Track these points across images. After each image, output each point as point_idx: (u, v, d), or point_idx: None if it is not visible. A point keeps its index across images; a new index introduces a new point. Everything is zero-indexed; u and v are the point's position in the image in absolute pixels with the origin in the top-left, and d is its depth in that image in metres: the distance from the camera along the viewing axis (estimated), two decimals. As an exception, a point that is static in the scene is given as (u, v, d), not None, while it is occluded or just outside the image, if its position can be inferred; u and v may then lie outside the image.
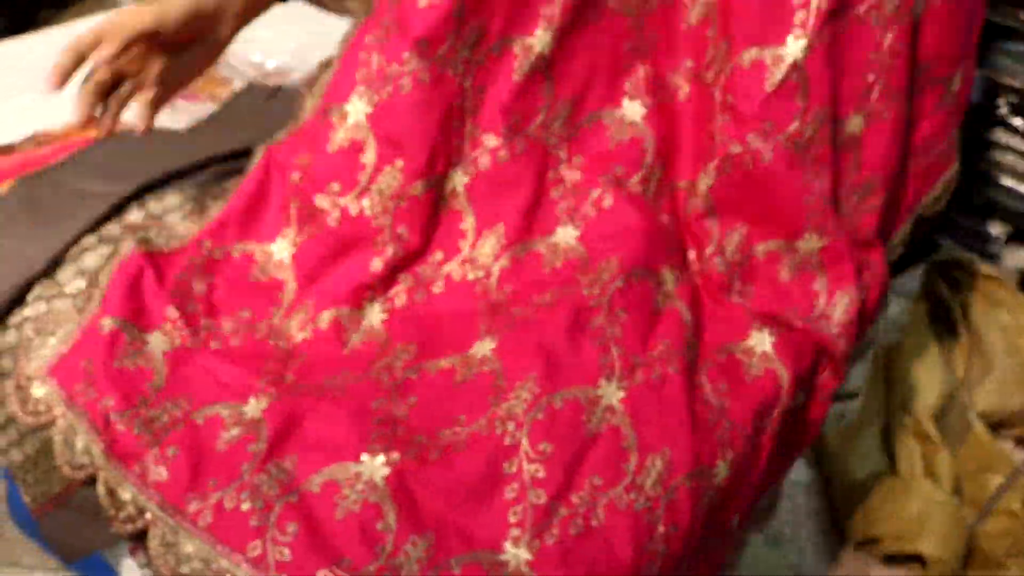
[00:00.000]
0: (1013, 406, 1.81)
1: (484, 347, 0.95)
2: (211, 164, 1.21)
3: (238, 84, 1.52)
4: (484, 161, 1.07)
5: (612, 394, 0.91)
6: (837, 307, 1.04)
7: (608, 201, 1.07)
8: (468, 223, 1.08)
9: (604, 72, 1.07)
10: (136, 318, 0.97)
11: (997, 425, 1.83)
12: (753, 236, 1.06)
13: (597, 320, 0.97)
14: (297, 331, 1.02)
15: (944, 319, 1.89)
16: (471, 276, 1.06)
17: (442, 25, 0.99)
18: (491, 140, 1.06)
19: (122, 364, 0.93)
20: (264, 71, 1.55)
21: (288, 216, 1.07)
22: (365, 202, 1.05)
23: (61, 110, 1.37)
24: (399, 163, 1.04)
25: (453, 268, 1.06)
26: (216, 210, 1.08)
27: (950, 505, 1.56)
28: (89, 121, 1.23)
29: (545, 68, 1.05)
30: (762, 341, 1.00)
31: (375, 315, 1.03)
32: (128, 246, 1.02)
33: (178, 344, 0.97)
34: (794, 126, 0.99)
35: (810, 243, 1.04)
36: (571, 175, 1.09)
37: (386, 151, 1.04)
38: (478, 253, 1.06)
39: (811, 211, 1.03)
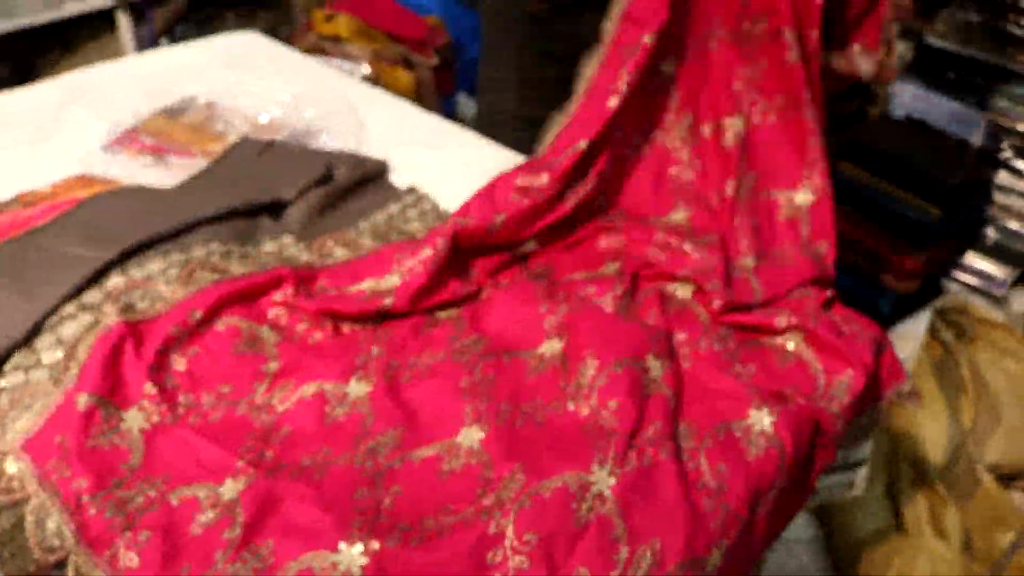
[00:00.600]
0: (1023, 458, 1.77)
1: (471, 436, 0.94)
2: (198, 226, 1.18)
3: (232, 138, 1.50)
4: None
5: (603, 480, 0.89)
6: (838, 388, 1.05)
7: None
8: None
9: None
10: (113, 394, 0.95)
11: (1007, 477, 1.79)
12: (742, 334, 1.11)
13: (585, 408, 0.96)
14: (279, 403, 1.00)
15: (950, 367, 1.85)
16: (455, 359, 1.05)
17: None
18: None
19: (97, 443, 0.91)
20: (258, 124, 1.54)
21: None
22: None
23: (47, 168, 1.37)
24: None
25: (439, 356, 1.06)
26: (206, 281, 1.07)
27: (959, 564, 1.52)
28: (77, 181, 1.22)
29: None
30: (761, 419, 0.98)
31: (360, 388, 1.01)
32: (109, 318, 0.99)
33: (156, 421, 0.95)
34: None
35: (796, 338, 1.10)
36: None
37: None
38: (463, 346, 1.08)
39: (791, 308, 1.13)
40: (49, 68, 2.58)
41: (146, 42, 2.66)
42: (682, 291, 1.17)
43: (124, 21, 2.59)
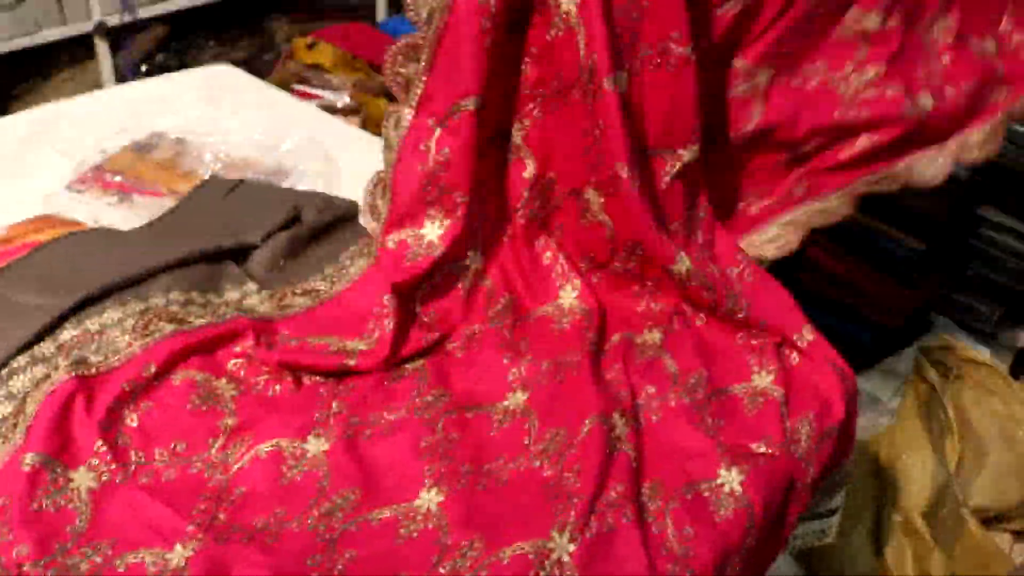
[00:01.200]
0: (1009, 500, 1.74)
1: (430, 498, 0.91)
2: (159, 273, 1.15)
3: (201, 176, 1.47)
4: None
5: (563, 547, 0.85)
6: (801, 431, 1.03)
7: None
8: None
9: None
10: (61, 453, 0.91)
11: (992, 520, 1.76)
12: (713, 380, 1.08)
13: (549, 469, 0.95)
14: (235, 462, 0.96)
15: (935, 407, 1.82)
16: (417, 415, 1.02)
17: None
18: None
19: (42, 505, 0.87)
20: (227, 162, 1.51)
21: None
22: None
23: (9, 208, 1.34)
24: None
25: (403, 412, 1.03)
26: (163, 333, 1.04)
27: (943, 612, 1.49)
28: (36, 222, 1.19)
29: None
30: (731, 480, 0.96)
31: (318, 445, 0.97)
32: (60, 374, 0.96)
33: (106, 480, 0.91)
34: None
35: (763, 378, 1.08)
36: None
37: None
38: (425, 402, 1.05)
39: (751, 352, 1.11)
40: (26, 95, 2.55)
41: (125, 69, 2.63)
42: (651, 338, 1.14)
43: (102, 48, 2.56)
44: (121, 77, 2.63)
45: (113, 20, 2.53)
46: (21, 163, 1.52)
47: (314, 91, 2.43)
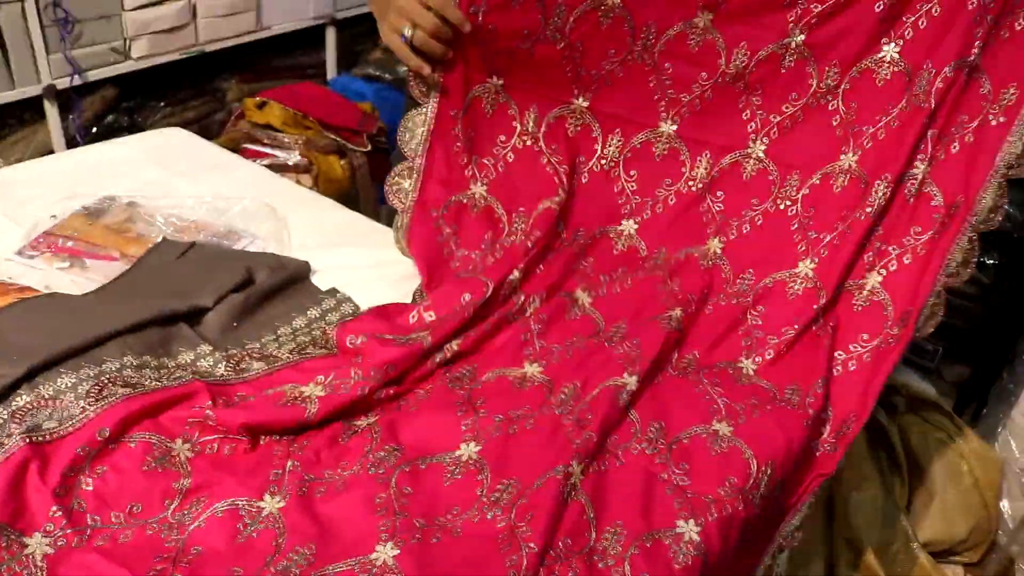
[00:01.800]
0: (958, 534, 1.78)
1: (385, 553, 0.93)
2: (111, 338, 1.16)
3: (153, 240, 1.48)
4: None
5: None
6: (764, 475, 1.08)
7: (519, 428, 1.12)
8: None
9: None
10: (15, 520, 0.92)
11: (944, 553, 1.79)
12: (672, 427, 1.13)
13: (503, 520, 0.97)
14: (191, 521, 0.97)
15: (883, 443, 1.86)
16: (371, 472, 1.04)
17: None
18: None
19: None
20: (178, 225, 1.52)
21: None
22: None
23: None
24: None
25: (356, 469, 1.05)
26: (117, 397, 1.04)
27: (897, 648, 1.51)
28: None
29: None
30: (689, 530, 0.99)
31: (274, 503, 0.98)
32: (13, 441, 0.96)
33: (61, 545, 0.92)
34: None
35: (722, 426, 1.14)
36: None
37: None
38: (378, 457, 1.06)
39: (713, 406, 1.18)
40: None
41: (75, 131, 2.63)
42: (630, 383, 1.17)
43: (52, 111, 2.56)
44: (71, 139, 2.64)
45: (63, 83, 2.54)
46: (-29, 230, 1.52)
47: (265, 150, 2.45)
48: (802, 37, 1.32)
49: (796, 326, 1.28)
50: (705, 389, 1.19)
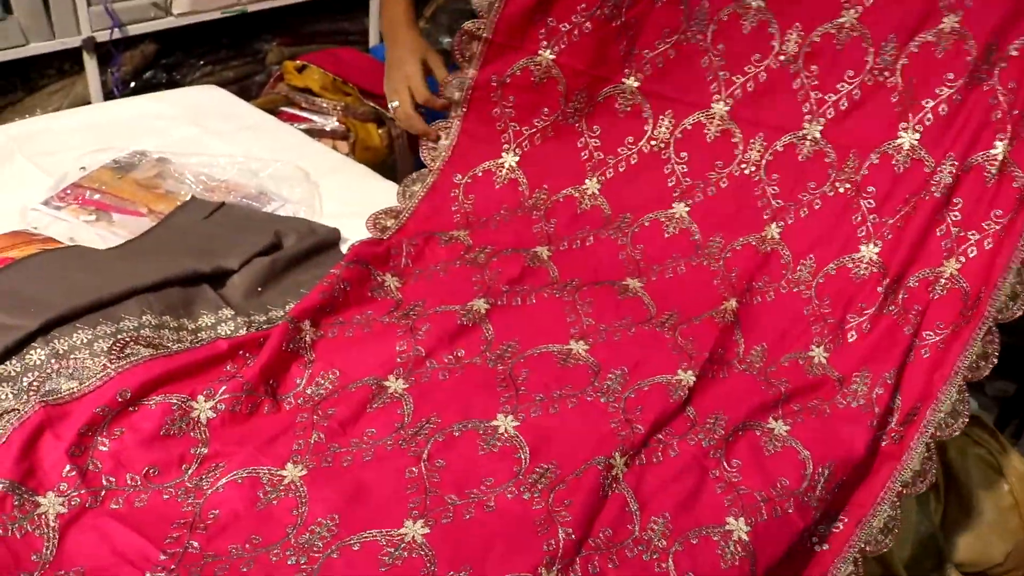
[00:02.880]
0: (994, 556, 1.70)
1: (416, 530, 0.89)
2: (131, 296, 1.12)
3: (182, 198, 1.44)
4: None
5: None
6: (820, 478, 1.02)
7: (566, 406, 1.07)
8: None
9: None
10: (28, 478, 0.89)
11: (978, 575, 1.73)
12: (730, 422, 1.07)
13: (541, 503, 0.93)
14: (209, 486, 0.93)
15: (920, 457, 1.79)
16: (402, 446, 1.00)
17: None
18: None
19: (7, 532, 0.85)
20: (209, 184, 1.48)
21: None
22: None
23: None
24: None
25: (387, 440, 1.01)
26: (140, 357, 1.00)
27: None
28: (10, 237, 1.16)
29: None
30: (739, 528, 0.95)
31: (296, 472, 0.94)
32: (30, 407, 0.93)
33: (75, 505, 0.89)
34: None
35: (778, 424, 1.09)
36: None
37: None
38: (408, 433, 1.02)
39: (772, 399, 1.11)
40: (11, 108, 2.51)
41: (113, 85, 2.60)
42: (686, 379, 1.11)
43: (90, 64, 2.52)
44: (109, 93, 2.60)
45: (102, 36, 2.50)
46: (-1, 177, 1.48)
47: (302, 114, 2.40)
48: (856, 13, 1.27)
49: (865, 312, 1.22)
50: (770, 384, 1.13)
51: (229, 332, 1.13)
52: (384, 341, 1.13)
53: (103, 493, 0.90)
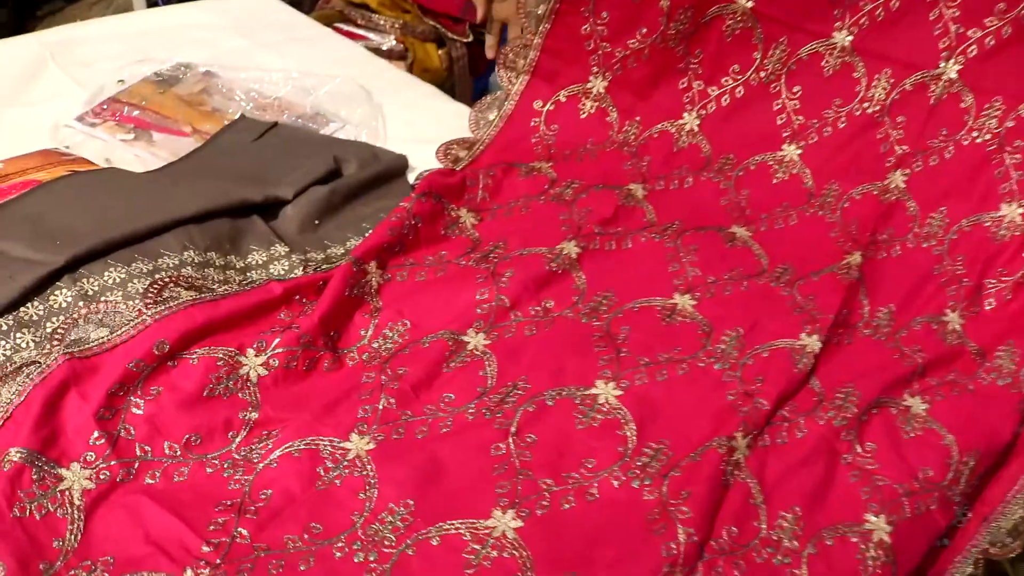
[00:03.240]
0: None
1: (506, 523, 0.75)
2: (171, 227, 0.97)
3: (230, 116, 1.29)
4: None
5: None
6: (965, 468, 0.86)
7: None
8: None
9: None
10: (49, 447, 0.76)
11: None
12: (862, 398, 0.91)
13: (653, 493, 0.79)
14: (260, 458, 0.79)
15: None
16: (486, 416, 0.85)
17: None
18: None
19: (26, 512, 0.72)
20: (260, 102, 1.32)
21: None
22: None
23: (11, 137, 1.17)
24: None
25: (469, 408, 0.86)
26: (180, 302, 0.86)
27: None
28: (37, 157, 1.02)
29: None
30: (879, 527, 0.79)
31: (361, 444, 0.80)
32: (52, 360, 0.80)
33: (104, 479, 0.76)
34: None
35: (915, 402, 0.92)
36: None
37: None
38: (492, 400, 0.88)
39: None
40: (50, 17, 2.38)
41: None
42: (811, 344, 0.96)
43: (134, -30, 2.37)
44: (152, 3, 2.45)
45: (147, -59, 2.35)
46: (29, 88, 1.34)
47: (358, 31, 2.23)
48: None
49: (1005, 279, 1.05)
50: (903, 354, 0.97)
51: (283, 272, 0.99)
52: (461, 287, 0.99)
53: (136, 465, 0.78)
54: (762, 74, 1.22)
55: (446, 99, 1.45)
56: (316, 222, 1.08)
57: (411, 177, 1.19)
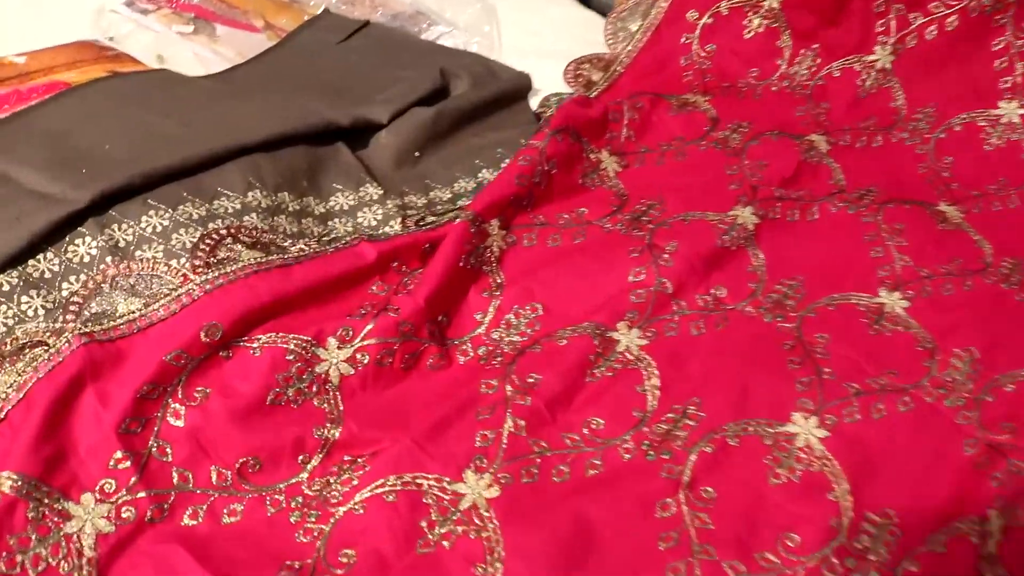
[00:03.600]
0: None
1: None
2: (232, 157, 0.74)
3: (312, 10, 1.08)
4: None
5: None
6: None
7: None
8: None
9: None
10: (54, 471, 0.57)
11: None
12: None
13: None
14: (340, 499, 0.59)
15: None
16: (646, 454, 0.63)
17: None
18: None
19: (15, 567, 0.54)
20: (352, -7, 1.10)
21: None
22: None
23: (42, 25, 1.00)
24: None
25: (624, 441, 0.64)
26: (240, 267, 0.64)
27: None
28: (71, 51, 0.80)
29: None
30: None
31: (481, 490, 0.59)
32: (65, 339, 0.59)
33: (128, 518, 0.56)
34: None
35: None
36: None
37: None
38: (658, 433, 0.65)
39: None
40: None
41: None
42: None
43: None
44: None
45: None
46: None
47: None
48: None
49: None
50: None
51: (375, 223, 0.76)
52: (609, 262, 0.75)
53: (172, 498, 0.58)
54: (986, 1, 0.94)
55: (574, 4, 1.20)
56: (416, 154, 0.87)
57: (533, 103, 0.96)
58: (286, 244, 0.69)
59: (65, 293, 0.64)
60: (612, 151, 0.87)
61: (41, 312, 0.63)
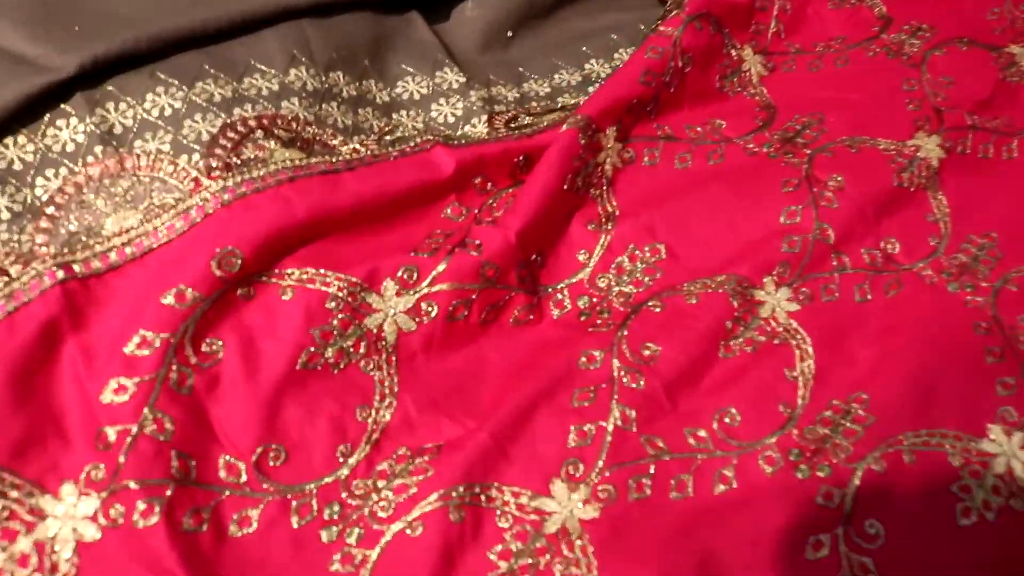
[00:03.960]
0: None
1: None
2: (271, 22, 0.57)
3: None
4: None
5: None
6: None
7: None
8: None
9: None
10: (22, 455, 0.43)
11: None
12: None
13: None
14: (390, 516, 0.44)
15: None
16: (804, 474, 0.48)
17: None
18: None
19: None
20: None
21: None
22: None
23: None
24: None
25: (767, 448, 0.48)
26: (274, 170, 0.49)
27: None
28: None
29: None
30: None
31: (574, 505, 0.45)
32: (35, 270, 0.44)
33: (116, 523, 0.41)
34: None
35: None
36: None
37: None
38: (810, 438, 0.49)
39: None
40: None
41: None
42: None
43: None
44: None
45: None
46: None
47: None
48: None
49: None
50: None
51: (453, 119, 0.59)
52: (755, 196, 0.58)
53: (170, 492, 0.42)
54: None
55: None
56: (509, 34, 0.70)
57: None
58: (335, 143, 0.52)
59: (40, 192, 0.48)
60: (756, 49, 0.68)
61: (6, 215, 0.48)
